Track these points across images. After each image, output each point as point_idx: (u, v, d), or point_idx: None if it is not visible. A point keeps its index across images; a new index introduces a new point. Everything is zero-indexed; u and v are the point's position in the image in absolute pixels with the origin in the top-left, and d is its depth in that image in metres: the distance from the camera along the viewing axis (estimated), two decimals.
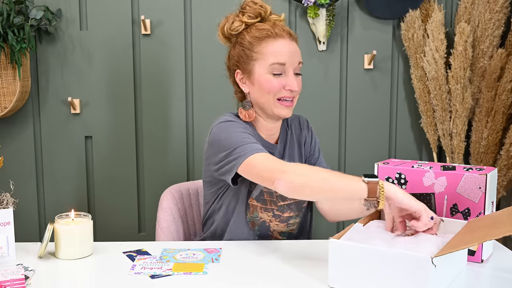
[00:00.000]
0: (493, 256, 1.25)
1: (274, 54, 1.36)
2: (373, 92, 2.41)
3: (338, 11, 2.34)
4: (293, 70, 1.38)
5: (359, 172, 2.43)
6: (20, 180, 2.35)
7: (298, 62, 1.39)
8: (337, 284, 1.07)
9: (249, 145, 1.29)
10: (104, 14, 2.31)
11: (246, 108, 1.43)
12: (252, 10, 1.40)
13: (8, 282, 1.09)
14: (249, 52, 1.39)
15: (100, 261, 1.25)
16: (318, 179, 1.18)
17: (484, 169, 1.24)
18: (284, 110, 1.39)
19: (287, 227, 1.48)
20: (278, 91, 1.37)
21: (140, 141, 2.39)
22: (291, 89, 1.37)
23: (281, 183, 1.18)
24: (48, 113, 2.35)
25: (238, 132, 1.34)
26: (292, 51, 1.37)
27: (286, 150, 1.51)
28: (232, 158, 1.30)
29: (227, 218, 1.45)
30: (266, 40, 1.37)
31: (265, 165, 1.24)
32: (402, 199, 1.11)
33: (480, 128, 2.26)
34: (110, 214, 2.41)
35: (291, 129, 1.55)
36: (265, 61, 1.37)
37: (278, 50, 1.36)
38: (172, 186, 1.71)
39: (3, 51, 2.15)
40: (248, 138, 1.32)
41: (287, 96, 1.38)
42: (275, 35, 1.37)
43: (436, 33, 2.22)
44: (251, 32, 1.39)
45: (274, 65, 1.36)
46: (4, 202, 1.24)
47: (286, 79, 1.37)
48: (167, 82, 2.36)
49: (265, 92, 1.38)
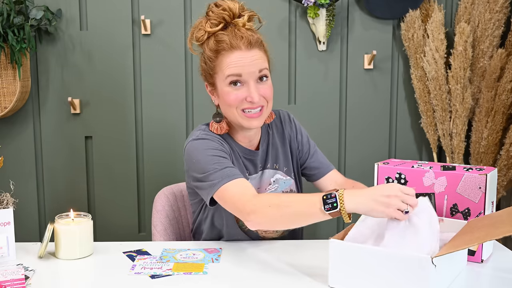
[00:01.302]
0: (493, 256, 1.25)
1: (229, 67, 1.30)
2: (373, 92, 2.41)
3: (338, 11, 2.34)
4: (254, 79, 1.31)
5: (359, 172, 2.43)
6: (20, 180, 2.35)
7: (259, 70, 1.31)
8: (337, 284, 1.07)
9: (219, 173, 1.25)
10: (104, 14, 2.31)
11: (217, 121, 1.39)
12: (215, 16, 1.33)
13: (8, 282, 1.09)
14: (210, 64, 1.34)
15: (100, 261, 1.25)
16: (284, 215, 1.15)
17: (484, 169, 1.24)
18: (250, 121, 1.33)
19: (276, 232, 1.46)
20: (240, 103, 1.32)
21: (140, 141, 2.39)
22: (251, 101, 1.31)
23: (251, 225, 1.18)
24: (48, 113, 2.35)
25: (209, 156, 1.29)
26: (248, 61, 1.30)
27: (268, 154, 1.46)
28: (206, 185, 1.27)
29: (216, 227, 1.42)
30: (222, 53, 1.31)
31: (234, 201, 1.22)
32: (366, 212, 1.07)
33: (480, 128, 2.26)
34: (110, 214, 2.41)
35: (272, 129, 1.50)
36: (223, 74, 1.31)
37: (232, 63, 1.30)
38: (165, 187, 1.70)
39: (3, 51, 2.15)
40: (219, 161, 1.28)
41: (250, 108, 1.32)
42: (230, 47, 1.30)
43: (436, 33, 2.22)
44: (210, 44, 1.33)
45: (230, 77, 1.30)
46: (4, 202, 1.24)
47: (247, 90, 1.31)
48: (167, 82, 2.36)
49: (227, 105, 1.33)
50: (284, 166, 1.49)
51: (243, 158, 1.42)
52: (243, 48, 1.30)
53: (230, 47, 1.30)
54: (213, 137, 1.36)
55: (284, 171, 1.49)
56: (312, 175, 1.55)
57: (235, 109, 1.33)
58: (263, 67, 1.33)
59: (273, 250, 1.31)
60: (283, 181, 1.48)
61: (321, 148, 1.61)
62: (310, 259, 1.24)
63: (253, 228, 1.19)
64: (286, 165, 1.50)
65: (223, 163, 1.28)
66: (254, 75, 1.31)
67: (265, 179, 1.46)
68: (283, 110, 1.55)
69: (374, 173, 1.32)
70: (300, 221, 1.18)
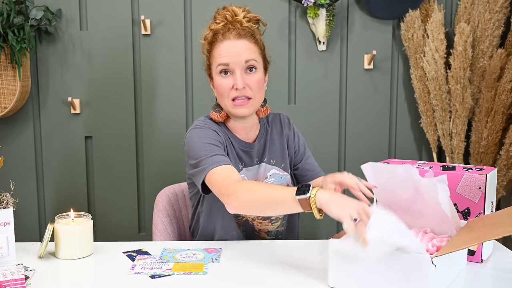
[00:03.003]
0: (493, 256, 1.25)
1: (219, 56, 1.39)
2: (373, 92, 2.41)
3: (338, 11, 2.34)
4: (241, 68, 1.38)
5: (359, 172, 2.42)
6: (20, 180, 2.35)
7: (245, 60, 1.38)
8: (337, 284, 1.07)
9: (210, 158, 1.33)
10: (104, 14, 2.31)
11: (216, 111, 1.47)
12: (220, 17, 1.42)
13: (8, 282, 1.09)
14: (207, 57, 1.46)
15: (100, 261, 1.25)
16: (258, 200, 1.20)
17: (484, 169, 1.24)
18: (239, 109, 1.40)
19: (271, 224, 1.48)
20: (229, 92, 1.40)
21: (140, 141, 2.39)
22: (237, 88, 1.38)
23: (229, 208, 1.24)
24: (48, 113, 2.35)
25: (203, 144, 1.37)
26: (236, 50, 1.38)
27: (266, 148, 1.51)
28: (198, 171, 1.34)
29: (213, 220, 1.45)
30: (215, 44, 1.41)
31: (218, 185, 1.28)
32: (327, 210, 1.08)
33: (480, 128, 2.26)
34: (110, 214, 2.41)
35: (271, 127, 1.55)
36: (215, 64, 1.41)
37: (222, 52, 1.39)
38: (166, 187, 1.71)
39: (3, 51, 2.15)
40: (212, 148, 1.36)
41: (238, 96, 1.39)
42: (221, 38, 1.40)
43: (436, 33, 2.22)
44: (208, 37, 1.44)
45: (219, 66, 1.39)
46: (4, 202, 1.24)
47: (234, 79, 1.39)
48: (167, 82, 2.36)
49: (220, 94, 1.42)
50: (281, 163, 1.53)
51: (238, 149, 1.47)
52: (231, 38, 1.39)
53: (222, 37, 1.40)
54: (210, 126, 1.44)
55: (281, 167, 1.52)
56: (303, 176, 1.58)
57: (226, 98, 1.40)
58: (250, 58, 1.39)
59: (273, 250, 1.31)
60: (279, 176, 1.51)
61: (320, 148, 1.62)
62: (310, 259, 1.24)
63: (231, 211, 1.25)
64: (283, 161, 1.54)
65: (214, 151, 1.35)
66: (241, 65, 1.38)
67: (261, 172, 1.49)
68: (283, 114, 1.61)
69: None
70: (272, 207, 1.19)
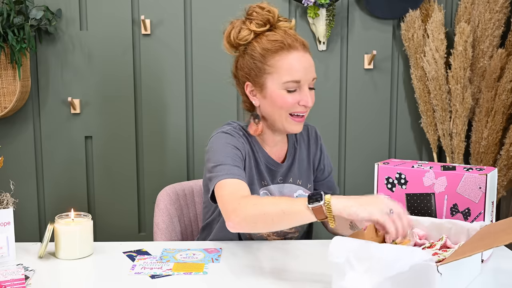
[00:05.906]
0: (493, 256, 1.25)
1: (288, 71, 1.29)
2: (373, 92, 2.41)
3: (338, 11, 2.34)
4: (308, 85, 1.32)
5: (359, 172, 2.43)
6: (20, 180, 2.35)
7: (313, 78, 1.33)
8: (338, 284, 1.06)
9: (228, 167, 1.25)
10: (104, 14, 2.31)
11: (255, 122, 1.37)
12: (260, 17, 1.32)
13: (8, 282, 1.09)
14: (261, 65, 1.31)
15: (100, 261, 1.25)
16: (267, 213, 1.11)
17: (484, 169, 1.24)
18: (296, 125, 1.34)
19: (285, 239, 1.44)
20: (292, 107, 1.31)
21: (140, 141, 2.39)
22: (305, 105, 1.31)
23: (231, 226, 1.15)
24: (48, 113, 2.35)
25: (228, 150, 1.30)
26: (307, 66, 1.31)
27: (292, 169, 1.44)
28: (211, 176, 1.27)
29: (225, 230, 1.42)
30: (280, 53, 1.29)
31: (223, 199, 1.20)
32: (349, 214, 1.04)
33: (480, 128, 2.26)
34: (110, 214, 2.41)
35: (300, 145, 1.48)
36: (279, 77, 1.29)
37: (293, 66, 1.29)
38: (167, 186, 1.70)
39: (3, 51, 2.15)
40: (233, 158, 1.28)
41: (301, 112, 1.33)
42: (288, 47, 1.29)
43: (436, 33, 2.22)
44: (262, 42, 1.31)
45: (289, 83, 1.29)
46: (4, 202, 1.24)
47: (300, 95, 1.30)
48: (167, 82, 2.36)
49: (278, 107, 1.32)
50: (308, 183, 1.48)
51: (264, 165, 1.40)
52: (300, 49, 1.31)
53: (289, 47, 1.30)
54: (239, 137, 1.36)
55: (307, 188, 1.47)
56: None
57: (285, 112, 1.32)
58: (315, 76, 1.34)
59: (274, 251, 1.31)
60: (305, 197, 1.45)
61: None
62: (311, 259, 1.24)
63: (232, 230, 1.15)
64: (309, 181, 1.49)
65: (236, 161, 1.28)
66: (309, 81, 1.32)
67: (286, 192, 1.43)
68: (311, 126, 1.54)
69: (374, 173, 1.32)
70: (283, 220, 1.11)
